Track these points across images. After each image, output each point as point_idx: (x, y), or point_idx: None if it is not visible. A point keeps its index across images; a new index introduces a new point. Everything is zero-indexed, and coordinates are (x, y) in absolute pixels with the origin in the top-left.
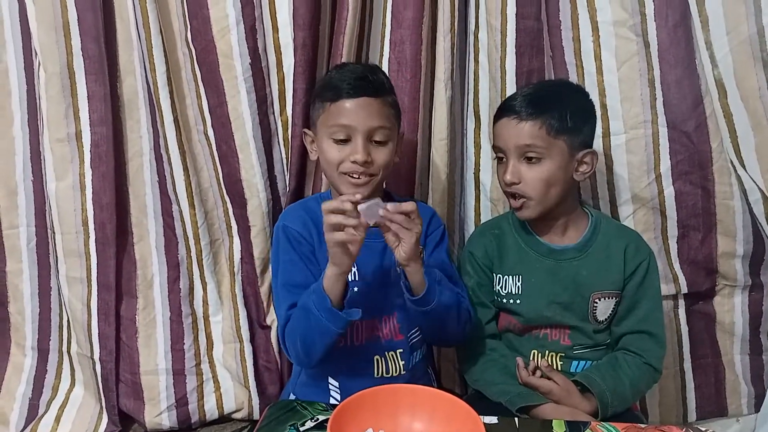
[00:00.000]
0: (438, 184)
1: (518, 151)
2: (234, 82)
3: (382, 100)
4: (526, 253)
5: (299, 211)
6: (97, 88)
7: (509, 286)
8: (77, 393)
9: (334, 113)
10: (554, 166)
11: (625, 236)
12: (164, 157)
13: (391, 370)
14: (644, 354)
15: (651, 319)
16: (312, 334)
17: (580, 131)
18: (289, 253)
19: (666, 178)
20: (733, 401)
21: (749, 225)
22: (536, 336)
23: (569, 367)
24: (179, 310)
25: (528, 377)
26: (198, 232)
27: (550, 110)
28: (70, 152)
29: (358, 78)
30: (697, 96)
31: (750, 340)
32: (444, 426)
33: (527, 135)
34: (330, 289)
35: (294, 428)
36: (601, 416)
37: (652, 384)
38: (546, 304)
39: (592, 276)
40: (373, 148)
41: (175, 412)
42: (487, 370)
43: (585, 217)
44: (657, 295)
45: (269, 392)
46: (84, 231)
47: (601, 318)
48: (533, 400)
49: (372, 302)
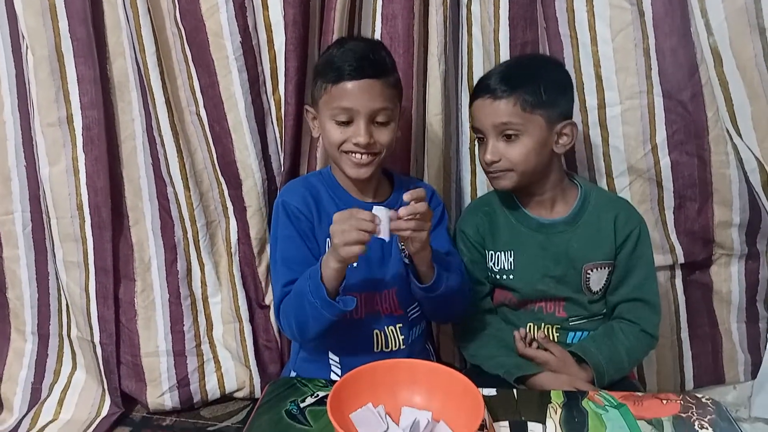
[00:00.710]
0: (433, 160)
1: (496, 130)
2: (225, 62)
3: (384, 80)
4: (517, 229)
5: (299, 187)
6: (86, 70)
7: (501, 262)
8: (79, 376)
9: (335, 95)
10: (533, 141)
11: (614, 206)
12: (157, 140)
13: (390, 345)
14: (639, 321)
15: (645, 286)
16: (306, 318)
17: (556, 104)
18: (287, 228)
19: (662, 149)
20: (730, 369)
21: (745, 194)
22: (532, 309)
23: (566, 339)
24: (178, 292)
25: (525, 349)
26: (194, 214)
27: (523, 86)
28: (62, 136)
29: (359, 58)
30: (692, 65)
31: (747, 309)
32: (443, 399)
33: (503, 113)
34: (328, 279)
35: (295, 404)
36: (598, 385)
37: (649, 350)
38: (539, 278)
39: (583, 248)
40: (376, 128)
41: (177, 392)
42: (485, 344)
43: (574, 188)
44: (650, 263)
45: (270, 371)
46: (79, 215)
47: (595, 288)
48: (530, 369)
49: (371, 277)
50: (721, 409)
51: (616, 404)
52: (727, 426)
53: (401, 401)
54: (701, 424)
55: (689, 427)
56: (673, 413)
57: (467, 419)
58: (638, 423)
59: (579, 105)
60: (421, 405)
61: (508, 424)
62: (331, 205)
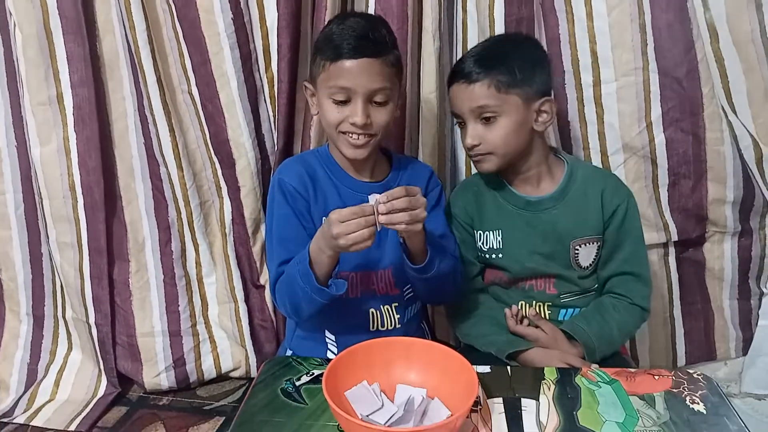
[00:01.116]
0: (428, 138)
1: (473, 114)
2: (217, 39)
3: (384, 59)
4: (504, 208)
5: (296, 165)
6: (76, 48)
7: (490, 242)
8: (75, 357)
9: (333, 74)
10: (511, 121)
11: (601, 180)
12: (149, 119)
13: (386, 324)
14: (630, 295)
15: (634, 259)
16: (298, 300)
17: (532, 81)
18: (283, 207)
19: (657, 126)
20: (722, 345)
21: (739, 171)
22: (522, 288)
23: (557, 316)
24: (172, 273)
25: (516, 326)
26: (187, 194)
27: (497, 67)
28: (52, 116)
29: (359, 37)
30: (688, 41)
31: (739, 286)
32: (438, 377)
33: (478, 96)
34: (322, 265)
35: (290, 383)
36: (590, 360)
37: (641, 323)
38: (527, 256)
39: (570, 224)
40: (373, 109)
41: (173, 372)
42: (476, 323)
43: (560, 165)
44: (639, 236)
45: (266, 350)
46: (72, 196)
47: (584, 264)
48: (521, 345)
49: (368, 256)
50: (712, 385)
51: (609, 380)
52: (718, 401)
53: (396, 379)
54: (692, 399)
55: (681, 402)
56: (664, 389)
57: (461, 396)
58: (630, 398)
59: (574, 83)
60: (415, 382)
61: (502, 401)
62: (327, 183)
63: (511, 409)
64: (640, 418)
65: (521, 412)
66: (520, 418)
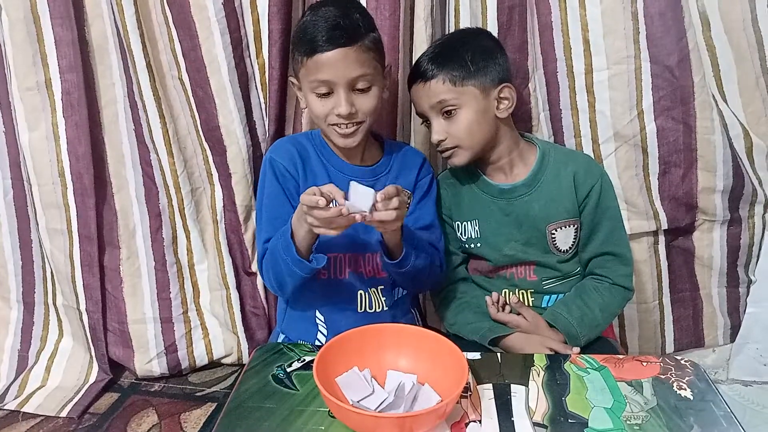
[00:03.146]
0: (420, 125)
1: (434, 110)
2: (207, 23)
3: (360, 45)
4: (480, 198)
5: (288, 146)
6: (64, 32)
7: (468, 232)
8: (66, 343)
9: (311, 68)
10: (472, 111)
11: (573, 162)
12: (139, 105)
13: (374, 306)
14: (611, 275)
15: (613, 239)
16: (282, 275)
17: (486, 71)
18: (273, 186)
19: (648, 114)
20: (710, 332)
21: (729, 160)
22: (504, 276)
23: (541, 303)
24: (163, 259)
25: (497, 314)
26: (178, 181)
27: (449, 62)
28: (41, 101)
29: (330, 27)
30: (680, 29)
31: (727, 274)
32: (429, 363)
33: (435, 92)
34: (301, 238)
35: (281, 369)
36: (573, 345)
37: (625, 303)
38: (505, 243)
39: (544, 208)
40: (357, 96)
41: (165, 358)
42: (461, 312)
43: (533, 150)
44: (615, 215)
45: (258, 337)
46: (61, 182)
47: (563, 247)
48: (503, 331)
49: (356, 239)
50: (699, 371)
51: (598, 366)
52: (705, 387)
53: (387, 365)
54: (680, 385)
55: (668, 388)
56: (652, 375)
57: (451, 382)
58: (618, 384)
59: (566, 70)
60: (406, 368)
61: (492, 387)
62: (318, 165)
63: (501, 395)
64: (628, 404)
65: (510, 398)
66: (510, 404)
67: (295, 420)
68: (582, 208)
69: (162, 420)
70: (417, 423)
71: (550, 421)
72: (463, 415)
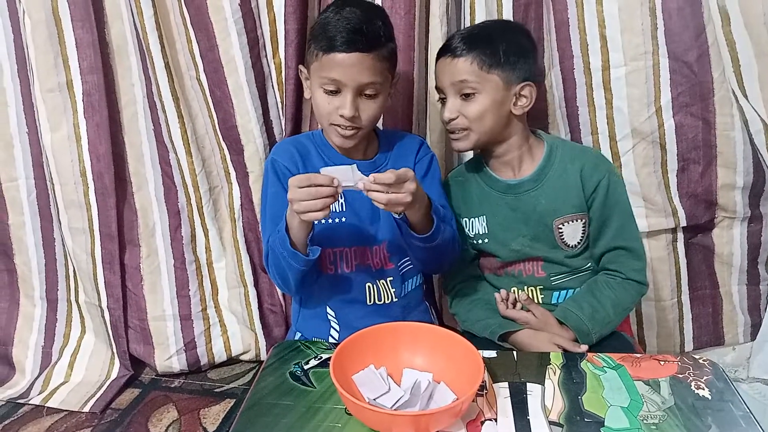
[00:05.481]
0: (436, 124)
1: (454, 88)
2: (224, 24)
3: (376, 54)
4: (487, 194)
5: (289, 146)
6: (84, 34)
7: (476, 228)
8: (88, 340)
9: (325, 64)
10: (489, 100)
11: (581, 157)
12: (158, 105)
13: (383, 298)
14: (623, 270)
15: (624, 233)
16: (283, 269)
17: (515, 67)
18: (275, 186)
19: (666, 111)
20: (730, 330)
21: (750, 156)
22: (513, 273)
23: (550, 299)
24: (182, 257)
25: (506, 310)
26: (196, 180)
27: (482, 46)
28: (62, 102)
29: (352, 30)
30: (699, 24)
31: (748, 271)
32: (444, 361)
33: (460, 71)
34: (293, 230)
35: (299, 366)
36: (586, 343)
37: (639, 297)
38: (512, 239)
39: (550, 203)
40: (362, 101)
41: (185, 355)
42: (472, 309)
43: (541, 146)
44: (626, 209)
45: (275, 334)
46: (83, 181)
47: (571, 243)
48: (512, 327)
49: (362, 232)
50: (718, 370)
51: (614, 365)
52: (724, 386)
53: (403, 363)
54: (698, 384)
55: (686, 388)
56: (670, 374)
57: (467, 381)
58: (635, 383)
59: (583, 67)
60: (422, 367)
61: (508, 385)
62: (320, 162)
63: (517, 394)
64: (645, 403)
65: (526, 396)
66: (526, 403)
67: (312, 417)
68: (590, 204)
69: (182, 416)
70: (432, 421)
71: (566, 420)
72: (479, 414)
